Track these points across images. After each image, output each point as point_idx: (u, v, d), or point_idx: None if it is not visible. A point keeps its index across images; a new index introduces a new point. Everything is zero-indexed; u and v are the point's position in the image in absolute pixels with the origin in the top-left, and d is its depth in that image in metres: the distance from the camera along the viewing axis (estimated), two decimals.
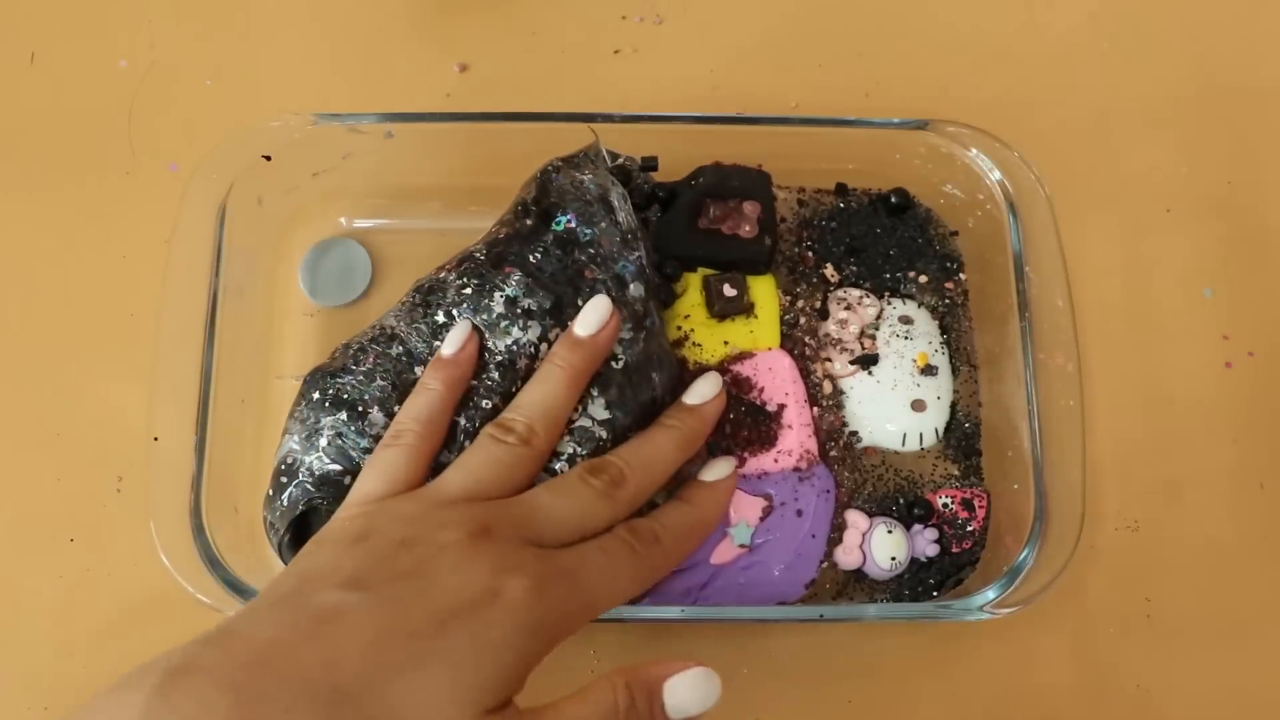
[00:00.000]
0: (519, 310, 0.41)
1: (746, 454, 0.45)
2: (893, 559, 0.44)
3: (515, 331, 0.41)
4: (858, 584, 0.45)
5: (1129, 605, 0.47)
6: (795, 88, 0.55)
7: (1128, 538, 0.48)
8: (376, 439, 0.39)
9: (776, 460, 0.45)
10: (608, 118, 0.46)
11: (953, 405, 0.48)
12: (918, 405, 0.47)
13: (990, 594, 0.42)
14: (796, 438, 0.45)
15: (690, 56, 0.56)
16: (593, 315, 0.41)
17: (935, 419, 0.47)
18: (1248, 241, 0.53)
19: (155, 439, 0.42)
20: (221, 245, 0.45)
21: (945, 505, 0.46)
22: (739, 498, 0.44)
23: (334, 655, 0.28)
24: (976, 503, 0.46)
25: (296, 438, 0.40)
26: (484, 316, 0.41)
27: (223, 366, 0.44)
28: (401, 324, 0.42)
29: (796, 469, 0.45)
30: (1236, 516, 0.49)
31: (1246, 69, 0.56)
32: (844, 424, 0.47)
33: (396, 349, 0.41)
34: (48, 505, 0.47)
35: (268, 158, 0.46)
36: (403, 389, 0.40)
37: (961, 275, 0.50)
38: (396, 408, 0.40)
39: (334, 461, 0.39)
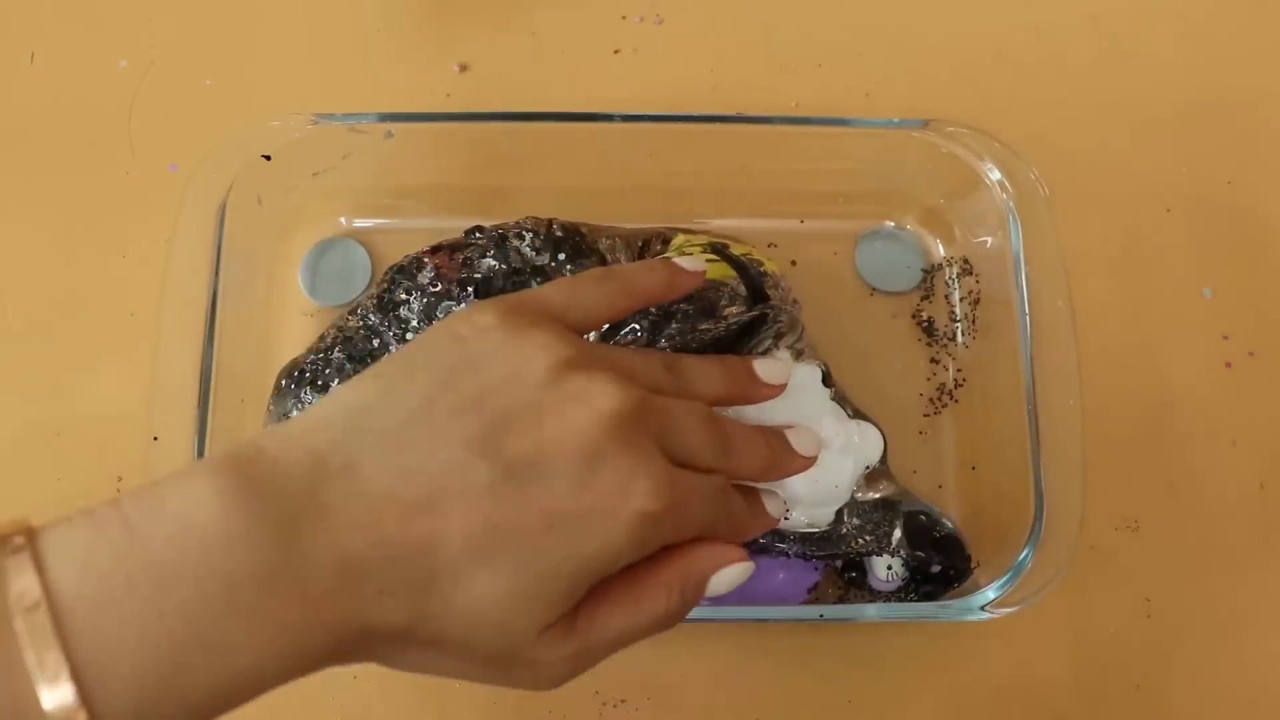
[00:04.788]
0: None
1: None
2: (889, 569, 0.44)
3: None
4: (858, 589, 0.45)
5: (1129, 605, 0.47)
6: (795, 88, 0.55)
7: (1128, 538, 0.48)
8: None
9: None
10: (608, 117, 0.46)
11: (952, 407, 0.47)
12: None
13: (990, 594, 0.42)
14: None
15: (690, 56, 0.56)
16: (776, 369, 0.38)
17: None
18: (1248, 241, 0.53)
19: (155, 439, 0.42)
20: (221, 245, 0.44)
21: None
22: None
23: (440, 535, 0.27)
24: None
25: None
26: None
27: (223, 366, 0.44)
28: (369, 302, 0.44)
29: None
30: (1236, 516, 0.49)
31: (1246, 69, 0.56)
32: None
33: (355, 322, 0.43)
34: (48, 505, 0.47)
35: (268, 157, 0.46)
36: (358, 359, 0.42)
37: (963, 275, 0.50)
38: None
39: None
